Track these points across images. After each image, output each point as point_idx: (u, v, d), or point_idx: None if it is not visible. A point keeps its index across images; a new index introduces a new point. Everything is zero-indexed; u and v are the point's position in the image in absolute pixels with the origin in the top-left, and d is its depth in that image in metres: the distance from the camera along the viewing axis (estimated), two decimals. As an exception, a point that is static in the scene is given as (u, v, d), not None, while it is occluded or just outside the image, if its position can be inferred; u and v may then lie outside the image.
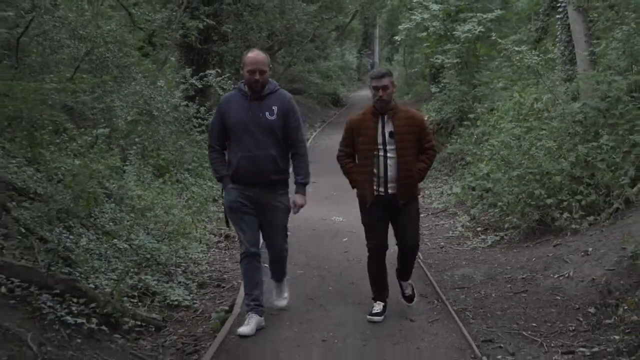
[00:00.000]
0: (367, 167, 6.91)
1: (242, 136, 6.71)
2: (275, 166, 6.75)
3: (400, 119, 6.85)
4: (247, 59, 6.73)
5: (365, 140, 6.90)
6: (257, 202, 6.80)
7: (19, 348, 5.56)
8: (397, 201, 6.87)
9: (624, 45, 9.78)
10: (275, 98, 6.81)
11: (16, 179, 8.55)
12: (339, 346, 6.33)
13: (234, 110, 6.79)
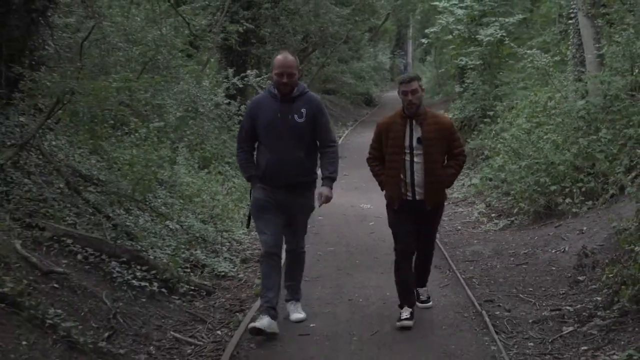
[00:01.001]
0: (395, 171, 6.93)
1: (271, 138, 6.78)
2: (303, 168, 6.82)
3: (429, 124, 6.87)
4: (276, 61, 6.82)
5: (393, 144, 6.92)
6: (283, 202, 6.85)
7: (96, 303, 6.75)
8: (425, 206, 6.91)
9: (623, 49, 10.80)
10: (305, 100, 6.85)
11: (81, 167, 9.77)
12: (362, 304, 7.58)
13: (263, 112, 6.86)
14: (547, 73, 13.00)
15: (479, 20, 19.85)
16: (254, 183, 6.97)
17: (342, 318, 7.16)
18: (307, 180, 6.90)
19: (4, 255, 6.33)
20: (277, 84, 6.76)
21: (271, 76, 6.97)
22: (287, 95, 6.77)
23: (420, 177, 6.83)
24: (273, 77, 6.81)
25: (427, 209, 6.91)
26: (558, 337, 6.32)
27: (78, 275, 6.98)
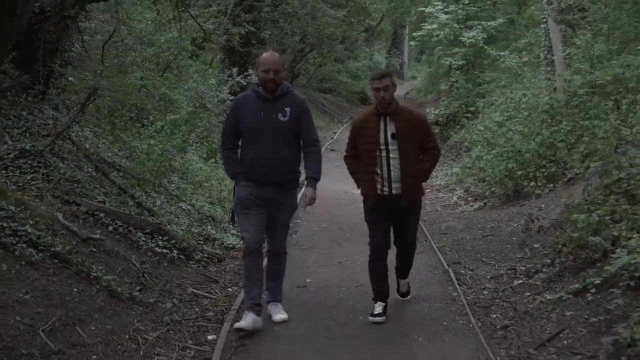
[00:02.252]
0: (370, 167, 6.95)
1: (255, 136, 6.78)
2: (286, 167, 6.84)
3: (402, 120, 6.89)
4: (262, 59, 6.84)
5: (367, 141, 6.94)
6: (266, 200, 6.85)
7: (127, 264, 8.10)
8: (401, 202, 6.95)
9: (583, 51, 12.16)
10: (289, 99, 6.86)
11: (105, 154, 11.12)
12: (349, 265, 9.02)
13: (247, 111, 6.84)
14: (517, 72, 14.40)
15: (464, 23, 21.28)
16: (237, 180, 6.98)
17: (332, 275, 8.58)
18: (290, 178, 6.96)
19: (51, 224, 7.67)
20: (264, 81, 6.75)
21: (257, 74, 6.93)
22: (272, 92, 6.77)
23: (396, 172, 6.88)
24: (259, 74, 6.81)
25: (404, 204, 6.95)
26: (508, 287, 7.73)
27: (111, 242, 8.32)
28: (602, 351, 5.47)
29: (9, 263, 6.44)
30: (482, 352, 6.05)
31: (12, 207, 7.27)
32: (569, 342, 5.97)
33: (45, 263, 6.87)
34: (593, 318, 6.10)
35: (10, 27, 6.80)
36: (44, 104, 10.69)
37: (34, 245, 6.95)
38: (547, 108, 11.97)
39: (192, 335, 6.96)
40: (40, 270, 6.70)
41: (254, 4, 20.76)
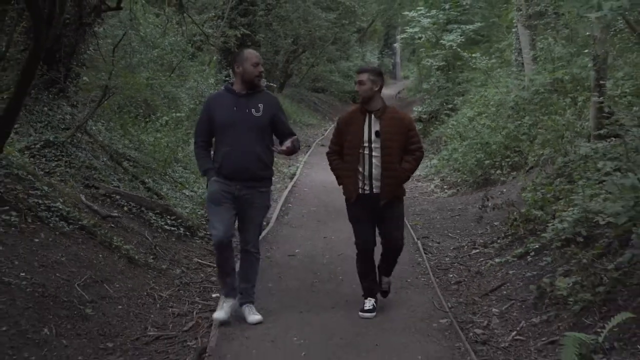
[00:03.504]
0: (352, 164, 6.92)
1: (227, 132, 6.73)
2: (259, 163, 6.80)
3: (387, 119, 6.87)
4: (249, 54, 6.87)
5: (352, 138, 6.90)
6: (238, 197, 6.82)
7: (141, 238, 9.38)
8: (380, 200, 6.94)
9: (545, 53, 13.49)
10: (262, 96, 6.88)
11: (116, 146, 12.41)
12: (333, 239, 10.34)
13: (220, 107, 6.83)
14: (487, 73, 15.77)
15: (445, 26, 22.67)
16: (209, 177, 6.94)
17: (318, 246, 9.91)
18: (262, 175, 6.92)
19: (76, 203, 8.96)
20: (252, 75, 6.75)
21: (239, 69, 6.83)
22: (258, 86, 6.84)
23: (377, 170, 6.85)
24: (247, 68, 6.75)
25: (382, 202, 6.92)
26: (467, 255, 9.11)
27: (126, 220, 9.61)
28: (531, 296, 6.84)
29: (46, 233, 7.72)
30: (436, 300, 7.43)
31: (45, 188, 8.56)
32: (507, 292, 7.37)
33: (75, 234, 8.15)
34: (528, 274, 7.49)
35: (46, 34, 8.08)
36: (62, 100, 11.91)
37: (64, 219, 8.23)
38: (513, 104, 13.30)
39: (199, 293, 8.28)
40: (71, 240, 7.98)
41: (249, 8, 22.03)
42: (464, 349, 6.06)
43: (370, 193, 6.93)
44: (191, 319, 7.45)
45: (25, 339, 5.87)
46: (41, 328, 6.14)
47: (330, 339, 6.47)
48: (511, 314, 6.95)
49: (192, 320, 7.39)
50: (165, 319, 7.40)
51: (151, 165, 12.49)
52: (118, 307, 7.23)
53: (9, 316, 5.97)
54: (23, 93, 8.43)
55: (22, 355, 5.64)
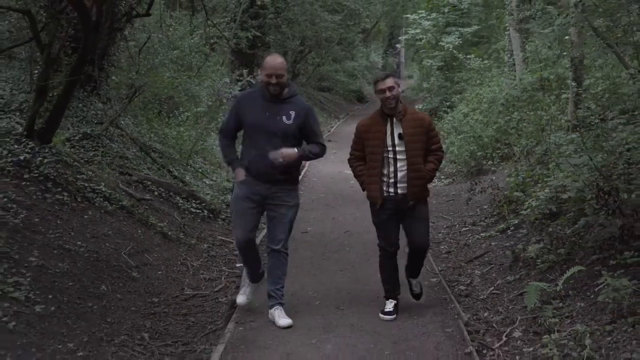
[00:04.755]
0: (376, 170, 6.89)
1: (257, 135, 6.73)
2: (286, 169, 6.81)
3: (408, 120, 6.81)
4: (265, 63, 6.76)
5: (374, 143, 6.88)
6: (265, 197, 6.85)
7: (170, 219, 10.66)
8: (407, 201, 6.88)
9: (533, 55, 14.76)
10: (294, 103, 6.84)
11: (143, 139, 13.69)
12: (340, 220, 11.64)
13: (251, 108, 6.81)
14: (480, 72, 17.08)
15: (444, 29, 24.00)
16: (234, 167, 7.00)
17: (327, 225, 11.21)
18: (290, 176, 6.95)
19: (114, 188, 10.26)
20: (266, 85, 6.70)
21: (259, 77, 6.90)
22: (275, 96, 6.76)
23: (403, 173, 6.81)
24: (263, 78, 6.74)
25: (410, 203, 6.90)
26: (457, 232, 10.39)
27: (157, 203, 10.89)
28: (507, 261, 8.16)
29: (93, 211, 9.00)
30: (429, 265, 8.71)
31: (89, 173, 9.87)
32: (489, 258, 8.70)
33: (117, 212, 9.44)
34: (507, 244, 8.80)
35: (94, 39, 9.38)
36: (94, 98, 13.16)
37: (107, 200, 9.51)
38: (503, 101, 14.54)
39: (225, 264, 9.58)
40: (114, 217, 9.27)
41: (259, 11, 23.25)
42: (449, 299, 7.41)
43: (395, 195, 6.90)
44: (220, 282, 8.76)
45: (88, 293, 7.16)
46: (99, 285, 7.43)
47: (338, 293, 7.84)
48: (490, 274, 8.28)
49: (221, 284, 8.70)
50: (198, 283, 8.70)
51: (174, 156, 13.76)
52: (158, 273, 8.52)
53: (73, 274, 7.26)
54: (71, 91, 9.74)
55: (87, 304, 6.92)
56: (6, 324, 5.71)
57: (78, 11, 8.83)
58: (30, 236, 7.47)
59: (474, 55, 18.75)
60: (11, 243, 6.98)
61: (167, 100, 15.21)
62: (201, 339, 6.90)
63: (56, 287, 6.85)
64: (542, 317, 6.38)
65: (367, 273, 8.70)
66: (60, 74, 9.89)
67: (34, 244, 7.36)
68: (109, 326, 6.73)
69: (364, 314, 7.24)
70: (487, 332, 6.61)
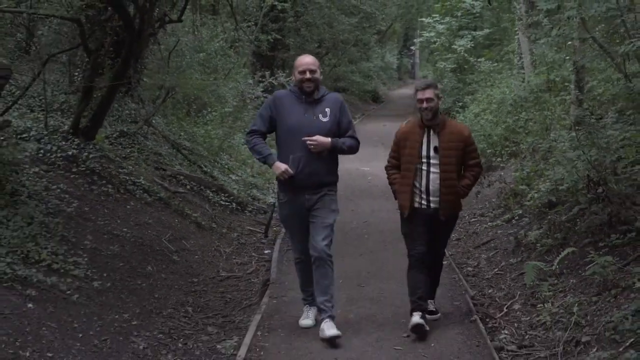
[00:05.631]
0: (408, 179, 6.77)
1: (296, 138, 6.61)
2: (327, 168, 6.77)
3: (446, 134, 6.68)
4: (297, 61, 6.83)
5: (409, 153, 6.76)
6: (306, 208, 6.82)
7: (202, 210, 11.55)
8: (438, 216, 6.78)
9: (539, 58, 15.57)
10: (327, 100, 6.80)
11: (172, 137, 14.62)
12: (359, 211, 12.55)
13: (288, 110, 6.77)
14: (489, 75, 17.94)
15: (457, 32, 24.87)
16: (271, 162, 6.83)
17: (347, 216, 11.95)
18: (329, 180, 6.88)
19: (151, 182, 11.18)
20: (300, 82, 6.72)
21: (293, 79, 6.91)
22: (309, 94, 6.74)
23: (435, 186, 6.69)
24: (296, 77, 6.77)
25: (442, 219, 6.81)
26: (467, 222, 11.27)
27: (190, 196, 11.79)
28: (510, 246, 9.05)
29: (134, 202, 9.93)
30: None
31: (130, 167, 10.80)
32: (494, 244, 9.60)
33: (155, 203, 10.37)
34: (511, 231, 9.67)
35: (137, 45, 10.31)
36: (128, 98, 14.06)
37: (146, 192, 10.44)
38: (512, 102, 15.35)
39: (254, 250, 10.50)
40: (153, 207, 10.21)
41: (279, 15, 24.11)
42: (458, 278, 8.34)
43: (427, 208, 6.77)
44: (251, 266, 9.68)
45: (136, 272, 8.10)
46: (145, 266, 8.36)
47: (359, 273, 8.82)
48: (495, 258, 9.19)
49: (252, 267, 9.63)
50: (232, 266, 9.63)
51: (202, 153, 14.66)
52: (195, 257, 9.45)
53: (122, 256, 8.20)
54: (114, 92, 10.69)
55: (137, 282, 7.86)
56: (70, 296, 6.61)
57: (124, 20, 9.79)
58: (83, 223, 8.41)
59: (484, 59, 19.58)
60: (68, 228, 7.92)
61: (195, 100, 16.10)
62: (238, 312, 7.82)
63: (109, 266, 7.78)
64: (539, 292, 7.28)
65: (384, 256, 9.67)
66: (104, 77, 10.78)
67: (87, 229, 8.30)
68: (156, 301, 7.65)
69: (382, 290, 8.21)
70: (490, 305, 7.53)
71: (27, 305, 6.05)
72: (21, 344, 5.45)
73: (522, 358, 6.20)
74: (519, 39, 18.51)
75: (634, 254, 6.95)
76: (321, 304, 6.80)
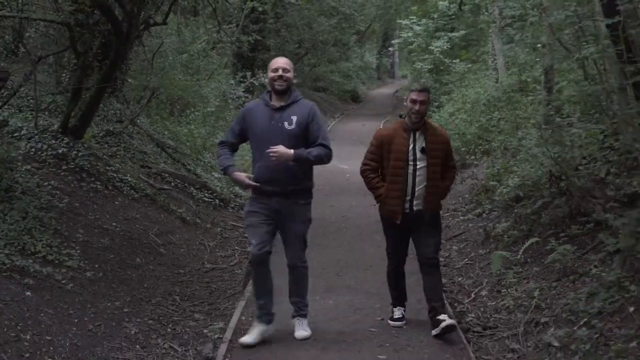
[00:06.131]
0: (399, 184, 6.72)
1: (264, 146, 6.53)
2: (294, 176, 6.66)
3: (431, 135, 6.71)
4: (272, 62, 6.81)
5: (396, 157, 6.70)
6: (276, 211, 6.70)
7: (187, 206, 11.98)
8: (422, 216, 6.79)
9: (512, 59, 16.16)
10: (297, 108, 6.69)
11: (157, 136, 15.05)
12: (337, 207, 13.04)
13: (255, 119, 6.73)
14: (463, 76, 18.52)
15: (433, 34, 25.45)
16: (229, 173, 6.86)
17: (326, 211, 12.52)
18: (299, 188, 6.79)
19: (136, 179, 11.59)
20: (273, 80, 6.66)
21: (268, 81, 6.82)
22: (281, 93, 6.67)
23: (421, 188, 6.71)
24: (269, 76, 6.72)
25: (426, 219, 6.82)
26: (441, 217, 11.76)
27: (175, 193, 12.22)
28: (480, 237, 9.59)
29: (122, 198, 10.35)
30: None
31: (117, 165, 11.24)
32: (465, 237, 10.16)
33: (142, 200, 10.80)
34: (481, 224, 10.22)
35: (124, 48, 10.75)
36: (113, 99, 14.46)
37: (133, 189, 10.86)
38: (485, 102, 15.92)
39: (237, 244, 10.96)
40: (140, 203, 10.64)
41: (260, 16, 24.56)
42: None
43: (409, 212, 6.81)
44: (234, 258, 10.16)
45: (126, 264, 8.55)
46: (134, 258, 8.82)
47: (337, 263, 9.36)
48: (465, 249, 9.73)
49: (235, 259, 10.10)
50: (216, 259, 10.10)
51: (186, 151, 15.10)
52: (181, 250, 9.90)
53: (113, 249, 8.65)
54: (102, 93, 11.12)
55: (127, 273, 8.31)
56: (65, 285, 7.07)
57: (112, 24, 10.21)
58: (74, 217, 8.85)
59: (459, 60, 20.16)
60: (60, 222, 8.36)
61: (178, 100, 16.54)
62: (223, 300, 8.31)
63: (100, 258, 8.23)
64: (505, 279, 7.82)
65: (361, 248, 10.23)
66: (92, 78, 11.21)
67: (78, 223, 8.75)
68: (145, 290, 8.11)
69: (358, 278, 8.77)
70: (459, 292, 8.09)
71: (26, 293, 6.46)
72: (22, 328, 5.88)
73: (487, 338, 6.73)
74: (492, 41, 19.09)
75: (592, 243, 7.48)
76: (295, 304, 6.95)
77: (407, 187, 6.70)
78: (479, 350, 6.50)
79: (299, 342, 6.84)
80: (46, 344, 5.91)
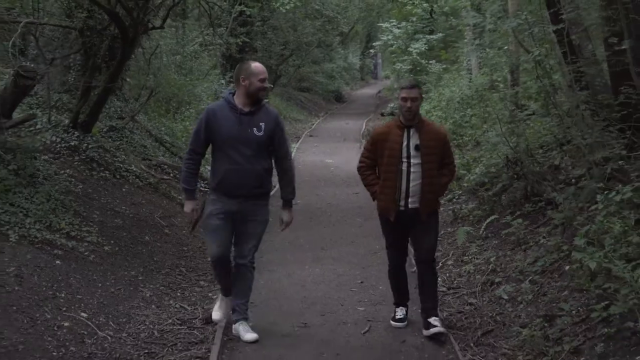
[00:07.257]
0: (391, 182, 6.65)
1: (230, 150, 6.47)
2: (260, 181, 6.60)
3: (426, 132, 6.62)
4: (255, 68, 6.52)
5: (390, 154, 6.62)
6: (236, 212, 6.62)
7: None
8: (419, 215, 6.67)
9: (484, 61, 17.39)
10: (263, 114, 6.58)
11: (154, 132, 16.18)
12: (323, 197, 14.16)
13: (222, 123, 6.53)
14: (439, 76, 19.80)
15: (412, 36, 26.71)
16: (188, 197, 6.91)
17: (312, 200, 13.68)
18: (262, 192, 6.71)
19: (138, 169, 12.75)
20: (258, 90, 6.48)
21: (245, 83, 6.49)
22: (260, 102, 6.59)
23: (416, 185, 6.59)
24: (254, 84, 6.46)
25: (422, 217, 6.70)
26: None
27: (174, 182, 13.35)
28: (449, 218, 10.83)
29: (128, 185, 11.49)
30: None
31: (123, 156, 12.39)
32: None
33: (146, 187, 11.95)
34: (450, 207, 11.45)
35: (129, 50, 11.89)
36: (113, 97, 15.55)
37: (138, 178, 11.99)
38: (459, 100, 17.16)
39: (232, 227, 12.15)
40: (144, 190, 11.79)
41: (247, 19, 25.67)
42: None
43: (405, 209, 6.69)
44: (231, 238, 11.33)
45: (137, 241, 9.68)
46: (144, 236, 9.95)
47: (322, 240, 10.61)
48: (436, 228, 10.95)
49: (232, 239, 11.27)
50: (214, 239, 11.27)
51: (181, 146, 16.24)
52: (183, 231, 11.01)
53: (124, 228, 9.78)
54: (109, 91, 12.25)
55: (138, 248, 9.44)
56: (87, 257, 8.18)
57: (120, 30, 11.33)
58: (89, 201, 9.99)
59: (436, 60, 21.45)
60: (78, 205, 9.49)
61: (172, 98, 17.68)
62: (224, 271, 9.48)
63: (115, 235, 9.36)
64: (468, 251, 9.06)
65: (343, 228, 11.49)
66: (99, 78, 12.34)
67: (93, 206, 9.88)
68: (155, 263, 9.24)
69: (341, 252, 9.99)
70: (429, 262, 9.27)
71: (56, 262, 7.57)
72: (57, 288, 7.00)
73: (450, 296, 7.96)
74: (466, 43, 20.35)
75: (543, 219, 8.71)
76: (237, 306, 6.87)
77: (401, 184, 6.58)
78: (442, 305, 7.65)
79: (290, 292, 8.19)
80: (77, 301, 7.02)
